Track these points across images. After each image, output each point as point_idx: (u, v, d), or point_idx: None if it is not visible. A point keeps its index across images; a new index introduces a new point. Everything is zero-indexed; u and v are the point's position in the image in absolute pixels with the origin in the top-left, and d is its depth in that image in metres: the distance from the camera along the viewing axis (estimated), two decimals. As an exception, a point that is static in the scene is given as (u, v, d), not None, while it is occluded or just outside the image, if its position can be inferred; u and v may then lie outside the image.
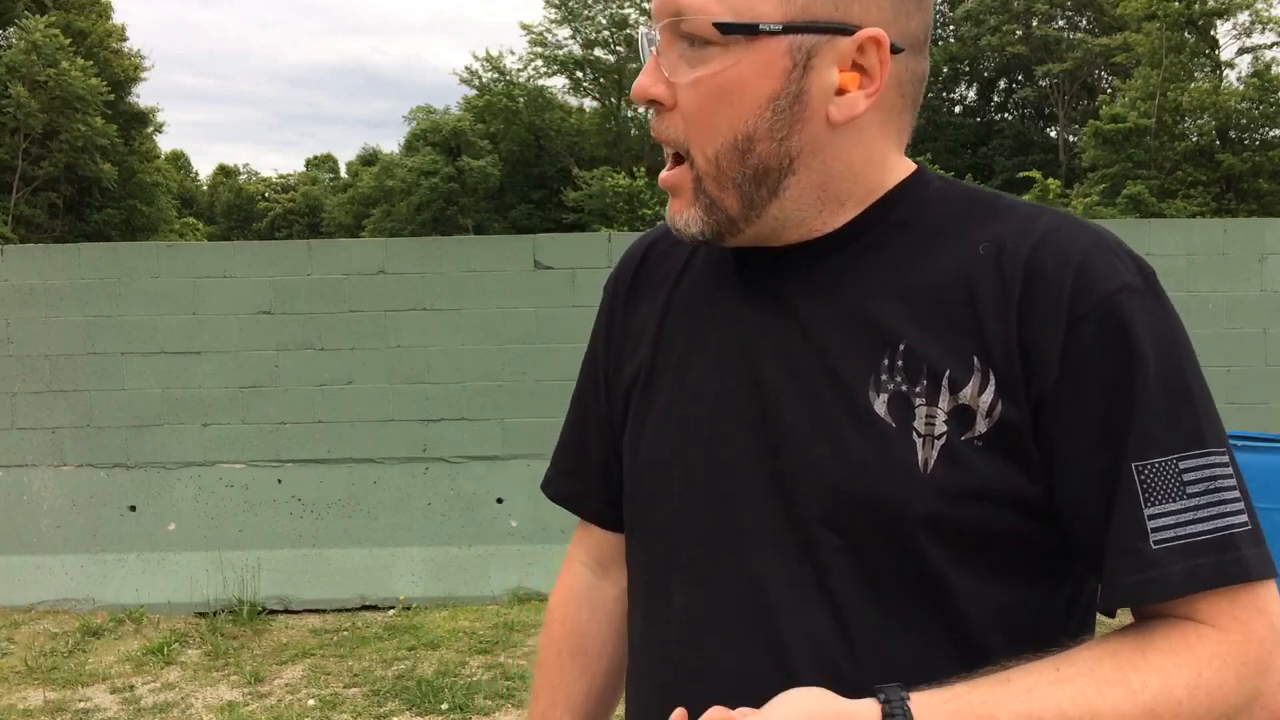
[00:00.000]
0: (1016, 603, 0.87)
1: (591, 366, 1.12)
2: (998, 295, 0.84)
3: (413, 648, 4.81)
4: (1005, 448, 0.83)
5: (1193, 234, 5.87)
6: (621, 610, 1.11)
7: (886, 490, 0.84)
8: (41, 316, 5.69)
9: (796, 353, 0.90)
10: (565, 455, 1.16)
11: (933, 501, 0.83)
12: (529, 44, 44.36)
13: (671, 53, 0.87)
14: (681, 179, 0.90)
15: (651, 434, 0.99)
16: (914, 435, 0.84)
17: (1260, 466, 4.49)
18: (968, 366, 0.84)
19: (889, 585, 0.85)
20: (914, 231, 0.91)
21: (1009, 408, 0.83)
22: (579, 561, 1.16)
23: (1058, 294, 0.83)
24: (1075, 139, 38.00)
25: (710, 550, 0.92)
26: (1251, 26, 32.40)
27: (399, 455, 5.70)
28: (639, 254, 1.10)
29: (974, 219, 0.90)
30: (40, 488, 5.64)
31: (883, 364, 0.86)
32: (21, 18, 34.49)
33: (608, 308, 1.10)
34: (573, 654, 1.13)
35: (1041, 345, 0.82)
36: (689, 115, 0.87)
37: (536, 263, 5.76)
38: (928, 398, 0.84)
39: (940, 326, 0.86)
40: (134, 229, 37.63)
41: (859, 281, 0.90)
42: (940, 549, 0.84)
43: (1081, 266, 0.83)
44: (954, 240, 0.89)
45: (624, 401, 1.04)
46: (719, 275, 0.99)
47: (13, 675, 4.58)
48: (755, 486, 0.90)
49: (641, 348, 1.02)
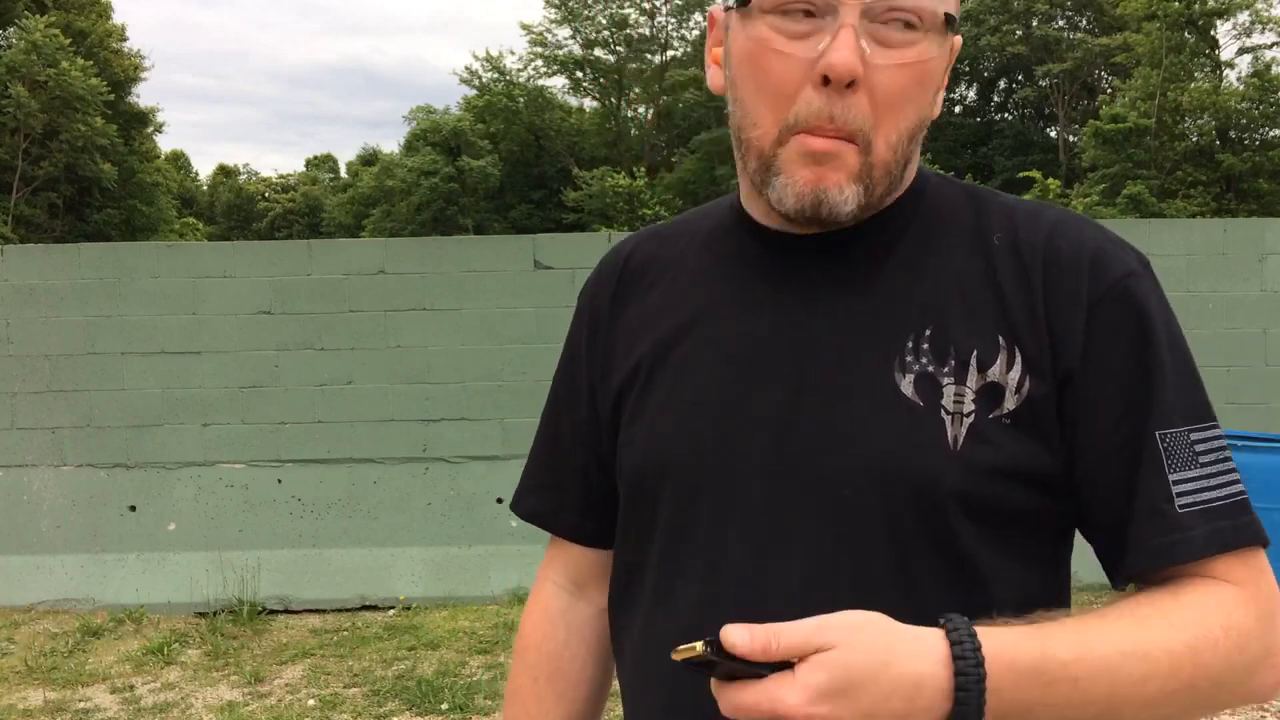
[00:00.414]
0: (1032, 581, 0.90)
1: (569, 376, 1.09)
2: (1020, 278, 0.89)
3: (413, 648, 4.81)
4: (1031, 425, 0.86)
5: (1193, 234, 5.87)
6: (599, 630, 1.08)
7: (918, 467, 0.85)
8: (41, 316, 5.69)
9: (819, 337, 0.91)
10: (538, 472, 1.12)
11: (963, 478, 0.85)
12: (529, 44, 44.39)
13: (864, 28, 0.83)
14: (849, 153, 0.85)
15: (659, 427, 0.97)
16: (942, 413, 0.86)
17: (1260, 466, 4.48)
18: (994, 345, 0.87)
19: (921, 563, 0.86)
20: (924, 220, 0.94)
21: (1036, 384, 0.86)
22: (552, 582, 1.12)
23: (1076, 278, 0.87)
24: (1075, 139, 38.00)
25: (734, 539, 0.91)
26: (1251, 26, 32.40)
27: (399, 455, 5.70)
28: (620, 260, 1.08)
29: (977, 211, 0.94)
30: (40, 488, 5.64)
31: (907, 346, 0.88)
32: (21, 18, 34.47)
33: (589, 315, 1.08)
34: (549, 679, 1.09)
35: (1066, 325, 0.87)
36: (885, 98, 0.84)
37: (536, 263, 5.76)
38: (955, 377, 0.87)
39: (964, 309, 0.89)
40: (134, 229, 37.62)
41: (880, 267, 0.92)
42: (969, 525, 0.86)
43: (1095, 253, 0.89)
44: (962, 229, 0.93)
45: (616, 402, 1.02)
46: (723, 266, 0.99)
47: (13, 675, 4.58)
48: (778, 473, 0.89)
49: (638, 346, 1.00)
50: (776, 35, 0.84)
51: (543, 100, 44.07)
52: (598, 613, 1.09)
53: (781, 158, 0.87)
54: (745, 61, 0.87)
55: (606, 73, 43.94)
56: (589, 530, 1.08)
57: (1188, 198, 29.32)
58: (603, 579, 1.08)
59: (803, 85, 0.84)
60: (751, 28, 0.86)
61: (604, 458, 1.05)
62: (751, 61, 0.87)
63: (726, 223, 1.02)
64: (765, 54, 0.85)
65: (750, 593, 0.89)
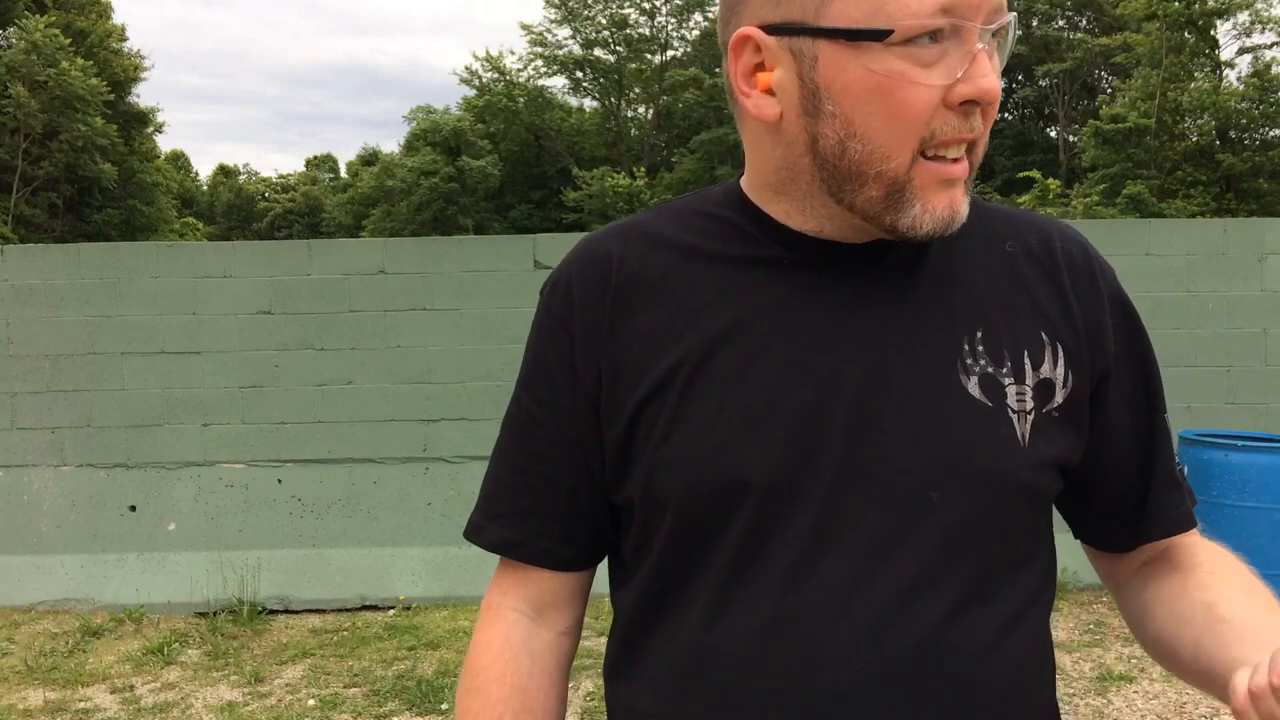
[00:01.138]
0: (1046, 556, 0.97)
1: (546, 394, 0.99)
2: (1047, 281, 0.96)
3: (413, 648, 4.81)
4: (1074, 417, 0.94)
5: (1193, 234, 5.86)
6: (559, 658, 1.04)
7: (1000, 463, 0.89)
8: (41, 316, 5.69)
9: (876, 343, 0.90)
10: (502, 499, 1.03)
11: (1034, 472, 0.91)
12: (529, 44, 44.44)
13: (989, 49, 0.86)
14: (965, 171, 0.88)
15: (721, 440, 0.90)
16: (1009, 411, 0.91)
17: (1260, 466, 4.49)
18: (1040, 344, 0.93)
19: (1004, 559, 0.91)
20: None
21: (1078, 379, 0.94)
22: (511, 610, 1.04)
23: (1093, 281, 0.97)
24: (1075, 139, 37.99)
25: (815, 549, 0.88)
26: (1251, 26, 32.38)
27: (399, 455, 5.70)
28: (608, 265, 0.98)
29: (979, 218, 0.97)
30: (40, 488, 5.64)
31: (964, 348, 0.91)
32: (21, 18, 34.47)
33: (571, 326, 0.98)
34: (517, 714, 1.00)
35: (1099, 324, 0.96)
36: (991, 112, 0.87)
37: (536, 263, 5.76)
38: (1015, 376, 0.92)
39: (1005, 311, 0.94)
40: (134, 229, 37.62)
41: (917, 272, 0.94)
42: (1026, 515, 0.92)
43: (1095, 258, 0.99)
44: (974, 236, 0.96)
45: (633, 418, 0.94)
46: (761, 270, 0.94)
47: (13, 675, 4.58)
48: (857, 480, 0.88)
49: (664, 356, 0.94)
50: (912, 67, 0.82)
51: (543, 100, 44.07)
52: (556, 637, 1.04)
53: (915, 184, 0.85)
54: (874, 96, 0.83)
55: (606, 73, 43.95)
56: (566, 556, 1.02)
57: (1188, 198, 29.31)
58: (567, 603, 1.04)
59: (938, 109, 0.83)
60: (876, 61, 0.82)
61: (599, 478, 0.98)
62: (884, 96, 0.83)
63: (741, 226, 0.97)
64: (902, 87, 0.82)
65: (838, 607, 0.87)
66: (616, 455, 0.96)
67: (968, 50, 0.82)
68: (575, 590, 1.05)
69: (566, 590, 1.04)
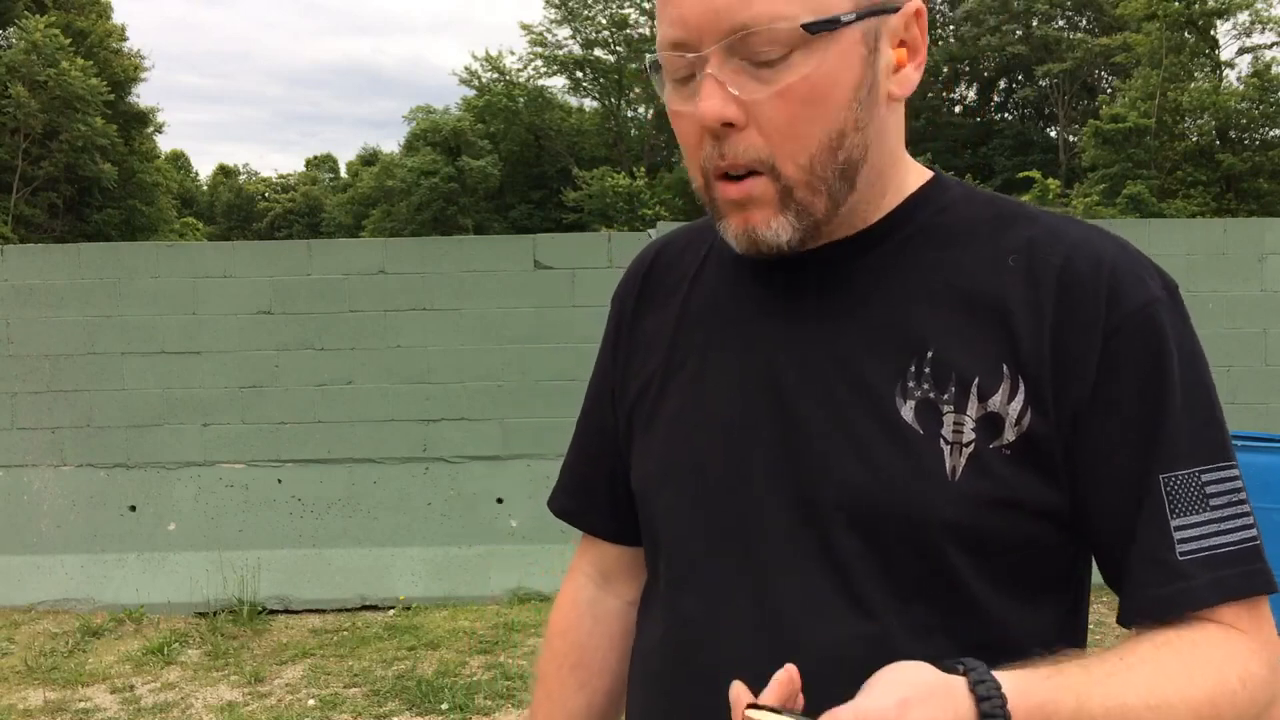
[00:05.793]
0: (1033, 613, 0.87)
1: (600, 380, 1.10)
2: (1031, 304, 0.85)
3: (413, 648, 4.81)
4: (1032, 458, 0.84)
5: (1193, 234, 5.87)
6: (624, 624, 1.10)
7: (914, 497, 0.84)
8: (41, 316, 5.69)
9: (819, 359, 0.89)
10: (569, 472, 1.15)
11: (960, 509, 0.83)
12: (529, 44, 44.41)
13: (728, 70, 0.82)
14: (762, 190, 0.85)
15: (666, 442, 0.97)
16: (942, 442, 0.84)
17: (1260, 466, 4.48)
18: (997, 374, 0.84)
19: (914, 592, 0.85)
20: (938, 236, 0.91)
21: (1037, 419, 0.84)
22: (582, 573, 1.15)
23: (1094, 304, 0.84)
24: (1075, 139, 37.98)
25: (729, 557, 0.91)
26: (1251, 26, 32.37)
27: (399, 455, 5.70)
28: (646, 263, 1.08)
29: (999, 226, 0.90)
30: (40, 488, 5.64)
31: (910, 370, 0.86)
32: (21, 18, 34.46)
33: (615, 320, 1.09)
34: (573, 668, 1.11)
35: (1077, 354, 0.83)
36: (775, 127, 0.83)
37: (536, 263, 5.76)
38: (956, 405, 0.84)
39: (969, 333, 0.86)
40: (134, 229, 37.60)
41: (885, 286, 0.90)
42: (966, 557, 0.84)
43: (1114, 277, 0.85)
44: (980, 247, 0.89)
45: (631, 411, 1.02)
46: (735, 281, 0.97)
47: (13, 675, 4.58)
48: (776, 494, 0.89)
49: (653, 357, 1.01)
50: (675, 97, 0.87)
51: (543, 100, 44.07)
52: (624, 606, 1.11)
53: (717, 204, 0.89)
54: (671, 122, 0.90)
55: (606, 73, 43.93)
56: (614, 529, 1.10)
57: (1188, 198, 29.30)
58: (630, 574, 1.10)
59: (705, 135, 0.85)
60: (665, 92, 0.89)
61: (625, 461, 1.05)
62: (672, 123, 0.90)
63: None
64: (673, 116, 0.88)
65: (755, 616, 0.89)
66: (627, 445, 1.04)
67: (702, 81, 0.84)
68: (637, 562, 1.09)
69: (627, 560, 1.10)
